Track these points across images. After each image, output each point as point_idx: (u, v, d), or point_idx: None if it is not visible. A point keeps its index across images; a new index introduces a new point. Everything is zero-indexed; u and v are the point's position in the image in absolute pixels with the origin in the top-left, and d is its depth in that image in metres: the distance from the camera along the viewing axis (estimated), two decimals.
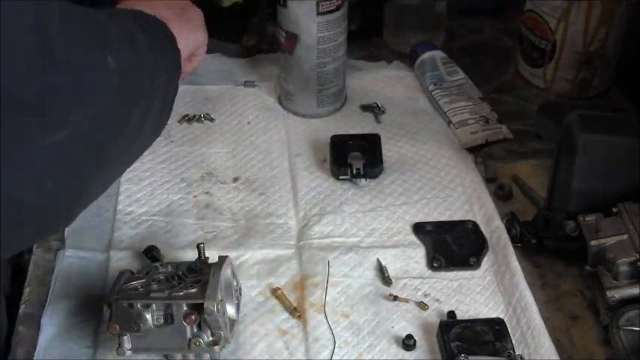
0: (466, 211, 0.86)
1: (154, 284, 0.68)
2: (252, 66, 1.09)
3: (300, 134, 0.97)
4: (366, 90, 1.05)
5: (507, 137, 0.97)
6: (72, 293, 0.76)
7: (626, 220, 0.74)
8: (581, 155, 0.76)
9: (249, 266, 0.79)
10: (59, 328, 0.73)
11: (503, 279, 0.78)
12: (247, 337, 0.72)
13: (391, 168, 0.92)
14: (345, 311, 0.75)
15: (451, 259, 0.80)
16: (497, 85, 1.08)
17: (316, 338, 0.72)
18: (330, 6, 0.92)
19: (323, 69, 0.96)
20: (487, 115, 0.99)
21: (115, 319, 0.65)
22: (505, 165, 0.93)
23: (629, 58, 1.05)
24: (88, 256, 0.80)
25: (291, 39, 0.94)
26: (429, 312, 0.75)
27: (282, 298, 0.76)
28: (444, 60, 1.06)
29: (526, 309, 0.74)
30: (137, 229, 0.83)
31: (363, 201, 0.87)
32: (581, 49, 1.01)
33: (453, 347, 0.69)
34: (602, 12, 0.98)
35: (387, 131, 0.97)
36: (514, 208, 0.86)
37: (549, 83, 1.06)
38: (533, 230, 0.81)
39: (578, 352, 0.73)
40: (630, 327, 0.70)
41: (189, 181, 0.89)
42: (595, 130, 0.76)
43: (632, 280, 0.71)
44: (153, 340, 0.66)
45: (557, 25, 1.00)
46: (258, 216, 0.85)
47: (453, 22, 1.17)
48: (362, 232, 0.83)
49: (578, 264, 0.78)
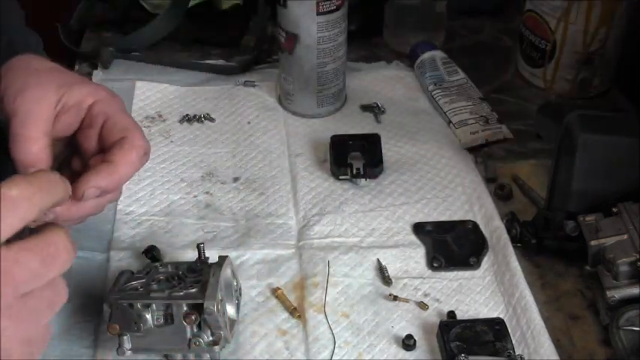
0: (466, 211, 0.86)
1: (153, 284, 0.68)
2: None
3: (300, 134, 0.97)
4: (366, 90, 1.05)
5: (507, 137, 0.97)
6: (72, 293, 0.75)
7: (626, 220, 0.74)
8: (581, 155, 0.76)
9: (249, 266, 0.79)
10: (59, 328, 0.72)
11: (503, 279, 0.78)
12: (247, 337, 0.72)
13: (391, 168, 0.92)
14: (345, 311, 0.75)
15: (451, 259, 0.80)
16: (497, 85, 1.08)
17: (316, 338, 0.72)
18: (330, 6, 0.92)
19: (323, 69, 0.96)
20: (487, 115, 0.99)
21: (115, 319, 0.65)
22: (505, 165, 0.93)
23: (629, 58, 1.05)
24: (88, 256, 0.80)
25: (291, 39, 0.94)
26: (429, 312, 0.75)
27: (282, 298, 0.76)
28: (444, 60, 1.06)
29: (526, 309, 0.74)
30: (137, 229, 0.83)
31: (363, 201, 0.87)
32: (581, 49, 1.01)
33: (453, 347, 0.69)
34: (602, 12, 0.98)
35: (387, 131, 0.97)
36: (514, 208, 0.86)
37: (549, 83, 1.06)
38: (533, 230, 0.81)
39: (578, 352, 0.73)
40: (630, 327, 0.70)
41: (189, 181, 0.89)
42: (595, 130, 0.76)
43: (632, 280, 0.71)
44: (153, 340, 0.66)
45: (557, 25, 1.00)
46: (258, 216, 0.85)
47: (453, 22, 1.17)
48: (362, 232, 0.83)
49: (578, 264, 0.78)
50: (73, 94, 0.65)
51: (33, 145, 0.62)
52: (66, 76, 0.68)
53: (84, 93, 0.66)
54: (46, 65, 0.68)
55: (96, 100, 0.66)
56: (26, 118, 0.63)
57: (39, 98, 0.64)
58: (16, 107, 0.63)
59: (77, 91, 0.65)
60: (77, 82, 0.67)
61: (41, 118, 0.63)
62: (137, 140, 0.65)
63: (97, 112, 0.65)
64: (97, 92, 0.67)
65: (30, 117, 0.63)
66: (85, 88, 0.67)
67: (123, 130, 0.65)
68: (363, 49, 1.13)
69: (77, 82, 0.67)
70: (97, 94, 0.67)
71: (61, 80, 0.66)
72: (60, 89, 0.65)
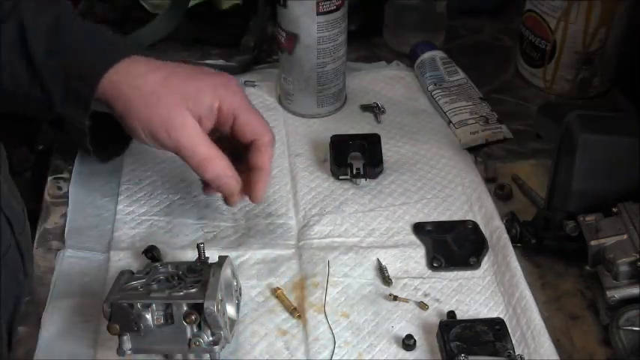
0: (466, 211, 0.86)
1: (154, 284, 0.68)
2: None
3: (300, 134, 0.97)
4: (366, 90, 1.05)
5: (507, 137, 0.97)
6: (72, 293, 0.76)
7: (626, 220, 0.74)
8: (581, 155, 0.76)
9: (249, 266, 0.79)
10: (59, 327, 0.73)
11: (503, 279, 0.78)
12: (247, 337, 0.72)
13: (391, 168, 0.92)
14: (345, 311, 0.75)
15: (451, 259, 0.80)
16: (497, 85, 1.08)
17: (316, 338, 0.72)
18: (330, 6, 0.92)
19: (323, 69, 0.96)
20: (487, 115, 0.99)
21: (115, 319, 0.65)
22: (505, 165, 0.93)
23: (629, 58, 1.05)
24: (88, 256, 0.80)
25: (291, 39, 0.94)
26: (429, 312, 0.75)
27: (282, 298, 0.76)
28: (444, 60, 1.06)
29: (526, 309, 0.74)
30: (137, 229, 0.83)
31: (363, 201, 0.87)
32: (581, 49, 1.01)
33: (453, 347, 0.69)
34: (602, 12, 0.98)
35: (387, 131, 0.97)
36: (514, 208, 0.86)
37: (549, 83, 1.06)
38: (533, 230, 0.81)
39: (578, 352, 0.73)
40: (630, 327, 0.70)
41: (189, 181, 0.89)
42: (595, 130, 0.76)
43: (632, 280, 0.71)
44: (153, 340, 0.66)
45: (557, 25, 1.00)
46: (258, 216, 0.85)
47: (453, 22, 1.17)
48: (362, 232, 0.83)
49: (578, 264, 0.78)
50: (200, 104, 0.72)
51: (214, 163, 0.73)
52: (176, 81, 0.73)
53: (208, 98, 0.72)
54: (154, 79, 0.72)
55: (221, 101, 0.73)
56: (190, 150, 0.72)
57: (182, 127, 0.72)
58: (173, 144, 0.72)
59: (202, 100, 0.72)
60: (194, 87, 0.73)
61: (202, 144, 0.73)
62: (267, 138, 0.75)
63: (225, 112, 0.73)
64: (217, 92, 0.73)
65: (192, 147, 0.72)
66: (206, 93, 0.73)
67: (253, 132, 0.74)
68: (363, 49, 1.13)
69: (195, 88, 0.72)
70: (217, 93, 0.73)
71: (180, 92, 0.72)
72: (188, 104, 0.72)
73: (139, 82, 0.72)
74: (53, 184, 0.89)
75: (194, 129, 0.72)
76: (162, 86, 0.72)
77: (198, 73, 0.75)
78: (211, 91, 0.73)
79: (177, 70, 0.74)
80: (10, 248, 0.72)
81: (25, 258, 0.75)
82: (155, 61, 0.75)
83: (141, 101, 0.72)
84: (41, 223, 0.84)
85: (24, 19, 0.74)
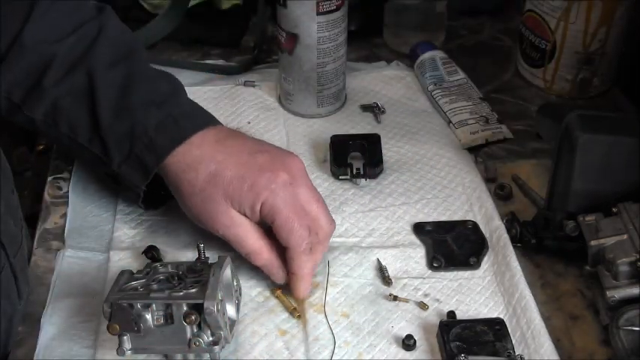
0: (466, 211, 0.86)
1: (154, 284, 0.68)
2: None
3: (300, 134, 0.97)
4: (366, 90, 1.05)
5: (507, 137, 0.97)
6: (72, 293, 0.76)
7: (626, 220, 0.74)
8: (581, 155, 0.76)
9: (249, 266, 0.79)
10: (59, 328, 0.73)
11: (503, 279, 0.78)
12: (247, 337, 0.72)
13: (391, 168, 0.92)
14: (345, 311, 0.75)
15: (451, 259, 0.80)
16: (497, 85, 1.08)
17: (316, 338, 0.72)
18: (330, 6, 0.92)
19: (323, 69, 0.96)
20: (487, 115, 0.99)
21: (115, 319, 0.65)
22: (505, 165, 0.93)
23: (629, 58, 1.05)
24: (88, 256, 0.80)
25: (291, 39, 0.94)
26: (429, 312, 0.75)
27: (282, 298, 0.76)
28: (444, 60, 1.06)
29: (526, 309, 0.74)
30: (137, 229, 0.83)
31: (363, 201, 0.87)
32: (581, 49, 1.01)
33: (453, 347, 0.69)
34: (602, 12, 0.98)
35: (387, 131, 0.97)
36: (514, 208, 0.86)
37: (549, 83, 1.06)
38: (533, 230, 0.81)
39: (578, 352, 0.73)
40: (630, 327, 0.69)
41: None
42: (595, 130, 0.76)
43: (632, 280, 0.71)
44: (153, 340, 0.66)
45: (557, 25, 1.00)
46: None
47: (453, 22, 1.17)
48: (362, 232, 0.83)
49: (578, 264, 0.78)
50: (243, 205, 0.73)
51: (260, 257, 0.74)
52: (221, 180, 0.73)
53: (249, 201, 0.72)
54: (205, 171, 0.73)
55: (262, 203, 0.72)
56: (238, 244, 0.74)
57: (228, 226, 0.73)
58: (221, 236, 0.74)
59: (244, 202, 0.73)
60: (238, 188, 0.73)
61: (248, 238, 0.74)
62: (297, 247, 0.73)
63: (266, 213, 0.73)
64: (260, 195, 0.72)
65: (239, 242, 0.74)
66: (248, 197, 0.72)
67: (283, 239, 0.73)
68: (363, 49, 1.13)
69: (238, 190, 0.72)
70: (260, 196, 0.72)
71: (225, 193, 0.73)
72: (233, 204, 0.73)
73: (191, 175, 0.73)
74: (53, 184, 0.89)
75: (240, 227, 0.73)
76: (209, 184, 0.73)
77: (250, 167, 0.74)
78: (253, 195, 0.72)
79: (229, 160, 0.74)
80: (2, 271, 0.72)
81: (18, 280, 0.75)
82: (213, 142, 0.74)
83: (190, 195, 0.74)
84: (41, 223, 0.84)
85: (95, 72, 0.74)
